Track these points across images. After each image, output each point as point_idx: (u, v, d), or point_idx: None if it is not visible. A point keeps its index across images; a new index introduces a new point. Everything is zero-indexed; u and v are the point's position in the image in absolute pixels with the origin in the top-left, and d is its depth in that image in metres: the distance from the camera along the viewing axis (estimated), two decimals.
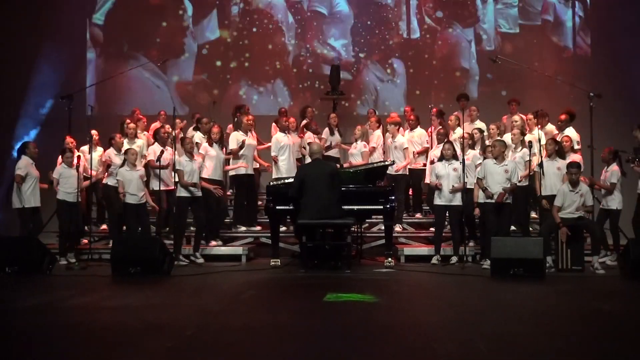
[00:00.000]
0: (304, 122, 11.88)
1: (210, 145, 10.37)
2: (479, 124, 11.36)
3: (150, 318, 6.09)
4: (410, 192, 11.41)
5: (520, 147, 10.01)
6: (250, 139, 10.82)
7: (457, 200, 9.74)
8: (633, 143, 10.05)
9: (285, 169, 10.91)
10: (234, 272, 9.30)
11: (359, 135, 11.30)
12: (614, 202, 9.66)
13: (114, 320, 6.09)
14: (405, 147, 10.93)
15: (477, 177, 9.53)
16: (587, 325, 5.92)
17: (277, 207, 9.45)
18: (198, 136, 10.82)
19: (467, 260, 9.72)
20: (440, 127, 11.03)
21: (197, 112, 12.21)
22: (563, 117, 10.48)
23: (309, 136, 11.47)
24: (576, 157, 9.80)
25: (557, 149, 9.69)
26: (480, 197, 9.50)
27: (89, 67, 14.44)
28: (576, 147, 10.19)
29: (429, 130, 11.44)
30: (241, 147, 10.52)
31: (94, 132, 10.73)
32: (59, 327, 5.81)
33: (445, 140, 10.22)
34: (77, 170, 9.85)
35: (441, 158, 9.93)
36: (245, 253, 10.38)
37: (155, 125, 11.65)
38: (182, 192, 9.81)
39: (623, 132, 10.86)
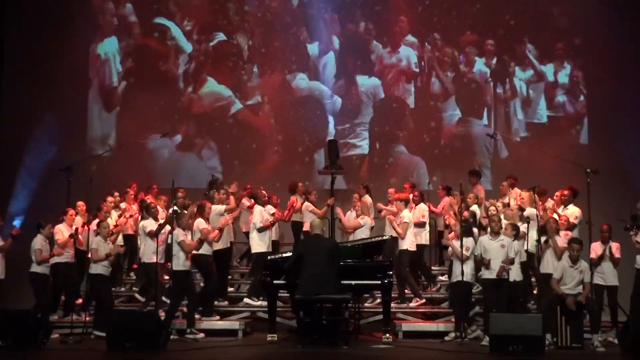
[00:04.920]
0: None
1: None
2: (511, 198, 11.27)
3: None
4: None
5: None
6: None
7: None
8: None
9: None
10: (230, 347, 9.20)
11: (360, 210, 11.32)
12: (611, 277, 9.73)
13: None
14: (404, 221, 10.81)
15: (474, 255, 9.55)
16: None
17: (275, 282, 9.43)
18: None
19: (465, 336, 9.62)
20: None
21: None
22: (566, 192, 10.56)
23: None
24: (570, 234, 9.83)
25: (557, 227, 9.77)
26: (479, 273, 9.53)
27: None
28: (572, 220, 10.25)
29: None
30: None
31: (80, 203, 10.86)
32: None
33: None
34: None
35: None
36: (242, 328, 10.28)
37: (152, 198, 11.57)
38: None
39: (619, 208, 10.96)
